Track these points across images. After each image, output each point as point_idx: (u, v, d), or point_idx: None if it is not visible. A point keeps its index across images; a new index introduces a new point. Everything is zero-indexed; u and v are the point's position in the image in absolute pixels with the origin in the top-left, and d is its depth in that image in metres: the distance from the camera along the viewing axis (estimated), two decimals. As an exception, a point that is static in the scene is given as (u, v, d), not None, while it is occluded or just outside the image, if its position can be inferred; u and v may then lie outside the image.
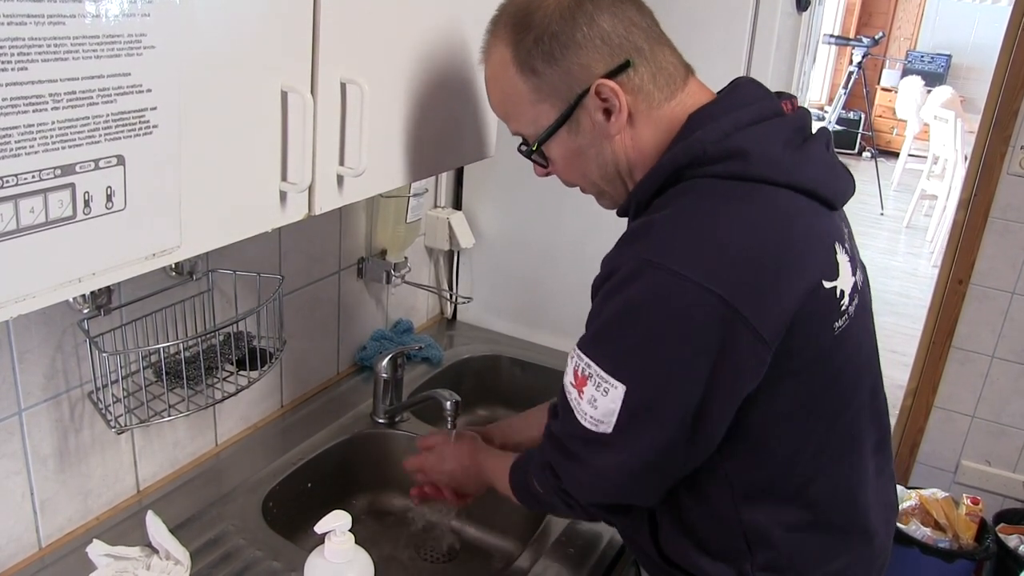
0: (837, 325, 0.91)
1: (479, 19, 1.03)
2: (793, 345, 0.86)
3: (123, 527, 1.21)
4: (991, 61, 2.32)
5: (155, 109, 0.72)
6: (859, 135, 7.60)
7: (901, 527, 2.30)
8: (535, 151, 0.99)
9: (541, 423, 1.29)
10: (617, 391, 0.86)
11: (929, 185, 5.62)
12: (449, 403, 1.40)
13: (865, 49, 6.26)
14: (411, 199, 1.64)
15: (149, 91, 0.71)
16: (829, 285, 0.89)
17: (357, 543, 1.01)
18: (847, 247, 0.95)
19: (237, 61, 0.81)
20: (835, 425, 0.95)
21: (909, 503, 2.38)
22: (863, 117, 7.55)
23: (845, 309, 0.92)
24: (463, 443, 1.26)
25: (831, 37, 6.82)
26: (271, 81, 0.85)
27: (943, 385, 2.51)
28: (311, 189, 0.94)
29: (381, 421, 1.53)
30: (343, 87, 0.94)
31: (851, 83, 6.51)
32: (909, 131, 6.61)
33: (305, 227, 1.45)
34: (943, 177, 5.43)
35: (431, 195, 1.86)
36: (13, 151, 0.62)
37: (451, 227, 1.84)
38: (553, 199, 1.77)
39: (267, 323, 1.35)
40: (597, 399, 0.88)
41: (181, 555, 1.11)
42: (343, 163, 0.98)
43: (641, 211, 0.95)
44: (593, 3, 0.92)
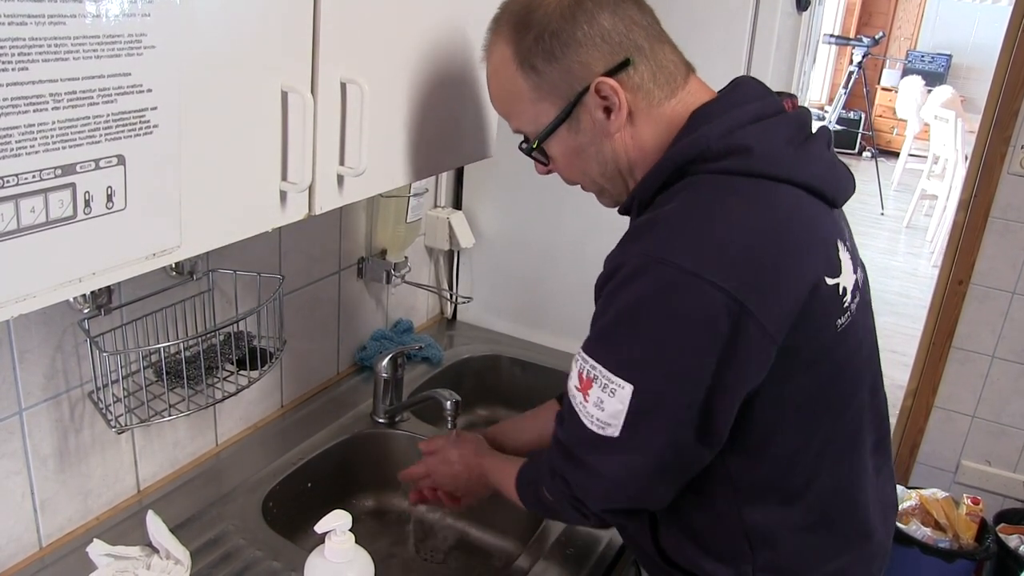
0: (840, 322, 0.91)
1: (479, 19, 1.03)
2: (797, 341, 0.86)
3: (123, 527, 1.21)
4: (991, 61, 2.32)
5: (155, 109, 0.72)
6: (859, 135, 7.60)
7: (901, 527, 2.30)
8: (536, 149, 0.99)
9: (542, 424, 1.29)
10: (624, 391, 0.86)
11: (929, 185, 5.62)
12: (449, 403, 1.40)
13: (865, 49, 6.26)
14: (411, 199, 1.64)
15: (149, 91, 0.71)
16: (832, 282, 0.89)
17: (357, 543, 1.01)
18: (848, 245, 0.95)
19: (237, 61, 0.81)
20: (837, 423, 0.95)
21: (909, 503, 2.38)
22: (863, 117, 7.55)
23: (847, 306, 0.92)
24: (467, 446, 1.25)
25: (831, 37, 6.81)
26: (271, 81, 0.85)
27: (943, 385, 2.51)
28: (311, 189, 0.94)
29: (381, 421, 1.53)
30: (343, 87, 0.94)
31: (851, 83, 6.51)
32: (909, 131, 6.61)
33: (305, 227, 1.45)
34: (943, 177, 5.42)
35: (431, 195, 1.86)
36: (14, 151, 0.62)
37: (451, 227, 1.84)
38: (553, 199, 1.77)
39: (267, 323, 1.35)
40: (604, 400, 0.87)
41: (181, 555, 1.11)
42: (343, 163, 0.98)
43: (644, 208, 0.95)
44: (594, 1, 0.92)
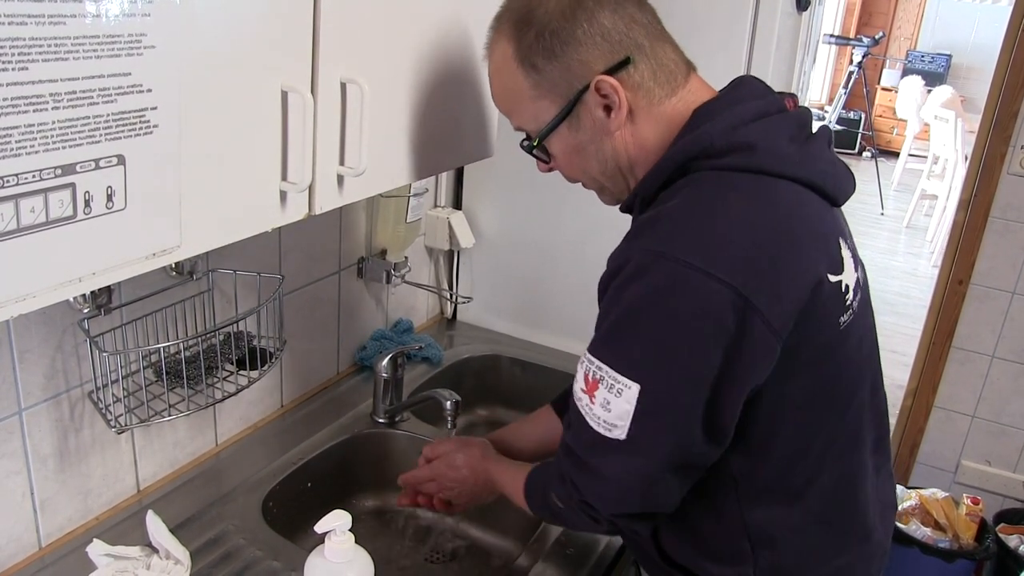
0: (842, 320, 0.91)
1: (479, 19, 1.03)
2: (801, 338, 0.86)
3: (123, 527, 1.21)
4: (991, 61, 2.32)
5: (155, 109, 0.72)
6: (859, 135, 7.60)
7: (901, 527, 2.30)
8: (536, 147, 1.00)
9: (541, 429, 1.29)
10: (631, 391, 0.85)
11: (929, 185, 5.62)
12: (449, 403, 1.40)
13: (865, 49, 6.26)
14: (411, 199, 1.64)
15: (149, 91, 0.71)
16: (835, 279, 0.89)
17: (357, 543, 1.01)
18: (849, 243, 0.95)
19: (237, 61, 0.81)
20: (838, 422, 0.95)
21: (909, 503, 2.38)
22: (863, 117, 7.55)
23: (850, 304, 0.92)
24: (473, 450, 1.23)
25: (831, 37, 6.81)
26: (271, 81, 0.85)
27: (943, 385, 2.51)
28: (311, 189, 0.94)
29: (381, 421, 1.53)
30: (343, 87, 0.94)
31: (851, 83, 6.51)
32: (909, 131, 6.61)
33: (305, 227, 1.45)
34: (943, 177, 5.42)
35: (431, 195, 1.86)
36: (13, 151, 0.62)
37: (451, 227, 1.84)
38: (553, 199, 1.77)
39: (267, 323, 1.35)
40: (610, 401, 0.87)
41: (181, 555, 1.11)
42: (343, 163, 0.98)
43: (646, 206, 0.95)
44: (594, 0, 0.92)
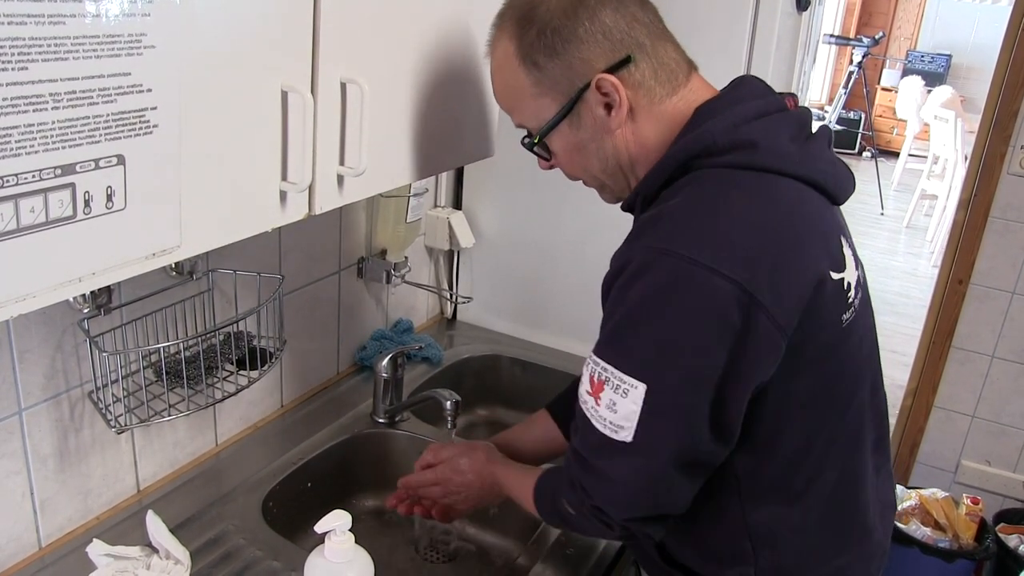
0: (845, 317, 0.91)
1: (480, 18, 1.03)
2: (804, 335, 0.86)
3: (123, 527, 1.21)
4: (991, 61, 2.32)
5: (155, 109, 0.72)
6: (859, 135, 7.60)
7: (901, 527, 2.30)
8: (537, 144, 1.00)
9: (542, 428, 1.29)
10: (637, 391, 0.85)
11: (929, 185, 5.62)
12: (449, 403, 1.40)
13: (865, 49, 6.26)
14: (411, 199, 1.64)
15: (149, 91, 0.71)
16: (837, 276, 0.89)
17: (357, 543, 1.01)
18: (849, 242, 0.96)
19: (237, 61, 0.81)
20: (839, 422, 0.95)
21: (909, 503, 2.38)
22: (863, 117, 7.55)
23: (852, 302, 0.92)
24: (477, 454, 1.21)
25: (831, 37, 6.82)
26: (271, 81, 0.85)
27: (943, 385, 2.51)
28: (311, 189, 0.94)
29: (381, 421, 1.53)
30: (343, 87, 0.94)
31: (851, 83, 6.51)
32: (909, 131, 6.61)
33: (305, 227, 1.45)
34: (943, 177, 5.42)
35: (431, 195, 1.86)
36: (13, 151, 0.62)
37: (451, 227, 1.84)
38: (553, 199, 1.77)
39: (267, 323, 1.35)
40: (616, 402, 0.86)
41: (181, 555, 1.11)
42: (343, 163, 0.98)
43: (648, 204, 0.95)
44: None
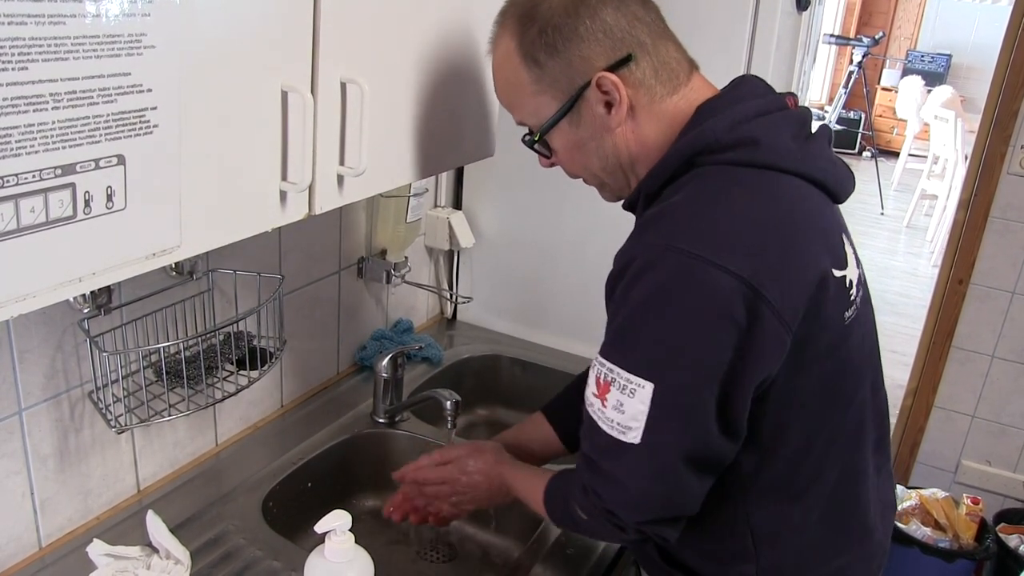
0: (847, 315, 0.91)
1: (480, 18, 1.03)
2: (808, 332, 0.86)
3: (123, 527, 1.21)
4: (991, 61, 2.32)
5: (155, 109, 0.72)
6: (859, 135, 7.60)
7: (901, 527, 2.30)
8: (538, 141, 1.00)
9: (539, 434, 1.28)
10: (644, 390, 0.84)
11: (929, 185, 5.62)
12: (449, 403, 1.40)
13: (865, 49, 6.26)
14: (411, 199, 1.64)
15: (149, 91, 0.71)
16: (839, 274, 0.89)
17: (357, 543, 1.01)
18: (850, 240, 0.96)
19: (237, 61, 0.81)
20: (840, 421, 0.95)
21: (909, 503, 2.38)
22: (863, 117, 7.55)
23: (853, 299, 0.92)
24: (486, 455, 1.20)
25: (831, 37, 6.81)
26: (271, 81, 0.85)
27: (943, 385, 2.51)
28: (311, 189, 0.94)
29: (381, 421, 1.53)
30: (343, 87, 0.94)
31: (851, 83, 6.51)
32: (909, 131, 6.61)
33: (305, 227, 1.45)
34: (943, 177, 5.42)
35: (431, 195, 1.86)
36: (13, 151, 0.62)
37: (451, 227, 1.84)
38: (553, 199, 1.77)
39: (267, 323, 1.35)
40: (623, 403, 0.86)
41: (181, 555, 1.11)
42: (343, 163, 0.98)
43: (650, 202, 0.95)
44: None
